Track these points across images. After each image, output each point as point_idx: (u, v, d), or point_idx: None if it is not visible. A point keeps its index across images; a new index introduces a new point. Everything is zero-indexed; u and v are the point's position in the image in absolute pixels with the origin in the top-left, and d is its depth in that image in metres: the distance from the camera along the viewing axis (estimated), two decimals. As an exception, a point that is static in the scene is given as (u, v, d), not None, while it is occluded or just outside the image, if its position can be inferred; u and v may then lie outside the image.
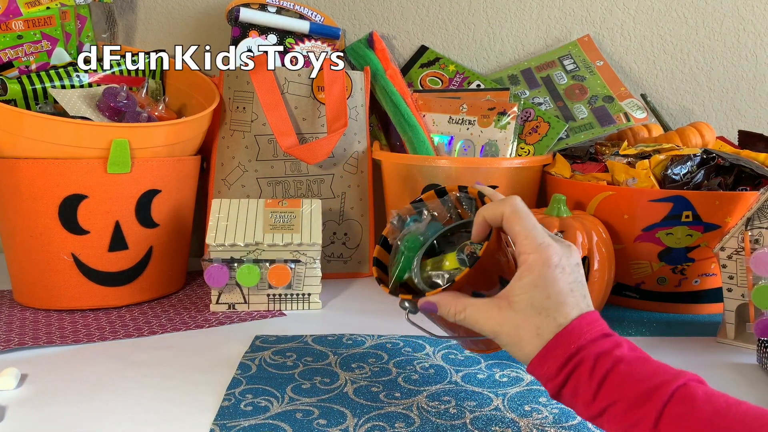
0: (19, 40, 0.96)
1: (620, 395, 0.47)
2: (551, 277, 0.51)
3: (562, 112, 1.14)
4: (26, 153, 0.85)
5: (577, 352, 0.49)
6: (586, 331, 0.50)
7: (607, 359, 0.49)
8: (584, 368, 0.49)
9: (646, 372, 0.48)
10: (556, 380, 0.50)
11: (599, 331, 0.50)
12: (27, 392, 0.64)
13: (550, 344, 0.50)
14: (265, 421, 0.57)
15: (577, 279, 0.53)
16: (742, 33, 1.23)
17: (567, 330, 0.50)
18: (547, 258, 0.51)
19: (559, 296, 0.51)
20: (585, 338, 0.50)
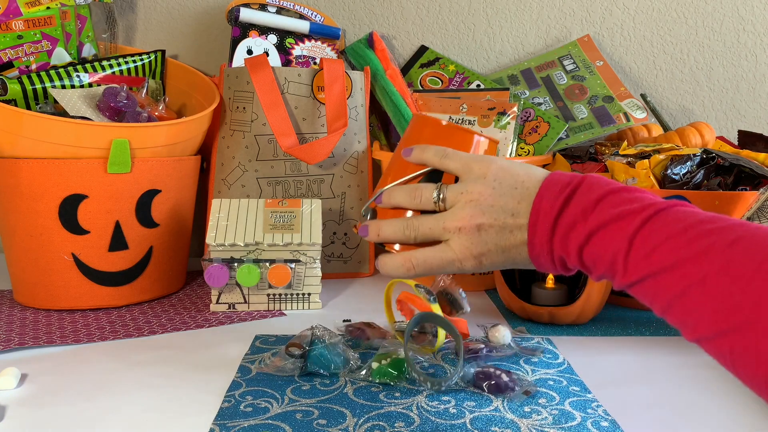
0: (19, 40, 0.96)
1: (603, 219, 0.49)
2: (482, 220, 0.55)
3: (562, 112, 1.14)
4: (26, 153, 0.85)
5: (564, 187, 0.52)
6: (555, 197, 0.52)
7: (585, 182, 0.51)
8: (576, 230, 0.50)
9: (631, 197, 0.49)
10: (551, 214, 0.52)
11: (564, 183, 0.53)
12: (27, 392, 0.64)
13: (529, 232, 0.53)
14: (265, 421, 0.57)
15: (513, 180, 0.55)
16: (742, 33, 1.23)
17: (532, 219, 0.53)
18: (467, 213, 0.56)
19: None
20: (550, 204, 0.52)
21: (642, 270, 0.46)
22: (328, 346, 0.68)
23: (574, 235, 0.50)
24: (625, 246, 0.47)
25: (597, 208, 0.49)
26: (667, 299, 0.44)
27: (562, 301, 0.86)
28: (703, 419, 0.59)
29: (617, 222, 0.48)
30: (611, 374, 0.70)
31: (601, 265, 0.49)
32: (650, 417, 0.60)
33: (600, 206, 0.49)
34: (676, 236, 0.44)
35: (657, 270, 0.45)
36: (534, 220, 0.53)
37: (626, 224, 0.47)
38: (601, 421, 0.58)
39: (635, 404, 0.62)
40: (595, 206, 0.50)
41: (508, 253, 0.55)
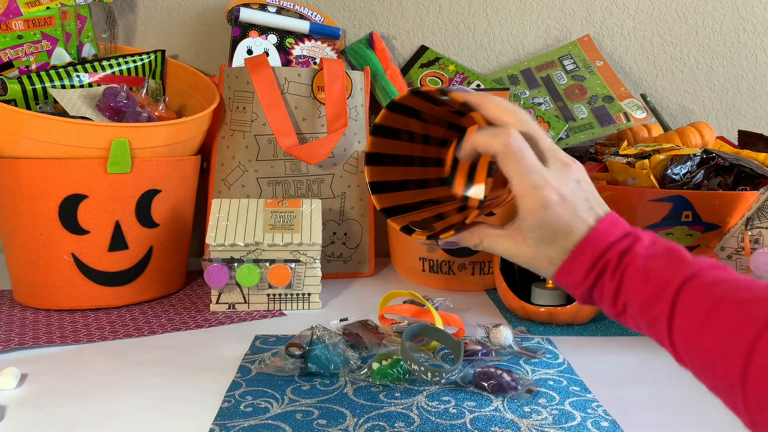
0: (19, 40, 0.96)
1: (635, 292, 0.47)
2: (553, 216, 0.51)
3: (562, 112, 1.14)
4: (26, 153, 0.85)
5: (602, 254, 0.49)
6: (610, 232, 0.50)
7: (628, 256, 0.49)
8: (609, 268, 0.49)
9: (659, 266, 0.47)
10: (584, 284, 0.50)
11: (621, 231, 0.50)
12: (27, 392, 0.64)
13: (570, 257, 0.50)
14: (265, 421, 0.57)
15: (581, 198, 0.52)
16: (742, 33, 1.23)
17: (590, 237, 0.50)
18: (543, 201, 0.50)
19: (566, 227, 0.51)
20: (608, 240, 0.50)
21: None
22: (328, 346, 0.68)
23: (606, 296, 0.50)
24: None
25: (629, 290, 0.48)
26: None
27: (562, 301, 0.86)
28: (703, 419, 0.59)
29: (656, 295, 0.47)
30: (611, 374, 0.70)
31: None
32: (650, 417, 0.60)
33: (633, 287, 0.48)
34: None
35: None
36: (569, 268, 0.52)
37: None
38: (601, 421, 0.58)
39: (635, 404, 0.62)
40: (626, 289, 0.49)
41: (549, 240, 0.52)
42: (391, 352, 0.68)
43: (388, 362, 0.66)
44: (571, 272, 0.51)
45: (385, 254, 1.21)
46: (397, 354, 0.67)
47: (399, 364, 0.66)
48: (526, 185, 0.51)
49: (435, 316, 0.77)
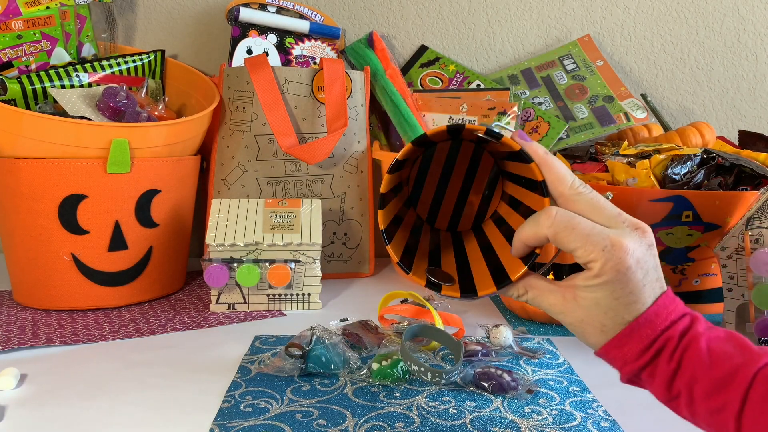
0: (18, 39, 0.96)
1: (698, 377, 0.44)
2: (624, 280, 0.46)
3: (562, 112, 1.14)
4: (26, 153, 0.85)
5: (661, 334, 0.45)
6: (672, 309, 0.46)
7: (687, 337, 0.45)
8: (668, 349, 0.45)
9: (724, 351, 0.44)
10: (637, 363, 0.46)
11: (680, 311, 0.47)
12: (27, 392, 0.64)
13: (627, 329, 0.46)
14: (265, 421, 0.57)
15: (651, 266, 0.47)
16: (743, 33, 1.23)
17: (647, 315, 0.46)
18: (618, 261, 0.45)
19: (630, 296, 0.46)
20: (670, 317, 0.46)
21: None
22: (328, 346, 0.68)
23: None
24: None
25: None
26: None
27: (562, 301, 0.86)
28: (704, 419, 0.59)
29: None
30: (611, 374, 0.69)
31: None
32: (650, 417, 0.60)
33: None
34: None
35: None
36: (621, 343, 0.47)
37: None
38: (601, 422, 0.58)
39: (635, 404, 0.62)
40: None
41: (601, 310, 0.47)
42: (391, 353, 0.68)
43: (388, 362, 0.66)
44: (625, 347, 0.46)
45: (385, 254, 1.21)
46: (397, 354, 0.67)
47: (399, 364, 0.66)
48: (593, 248, 0.46)
49: (435, 316, 0.77)
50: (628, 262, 0.45)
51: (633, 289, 0.46)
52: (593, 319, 0.47)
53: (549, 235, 0.47)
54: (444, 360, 0.72)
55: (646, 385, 0.47)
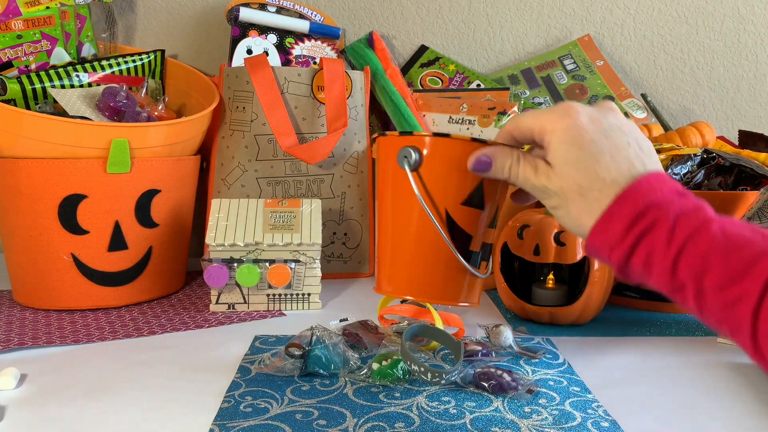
0: (18, 39, 0.96)
1: (710, 265, 0.38)
2: (582, 133, 0.45)
3: (562, 111, 1.14)
4: (26, 153, 0.85)
5: (646, 210, 0.42)
6: (657, 188, 0.43)
7: (690, 220, 0.40)
8: (660, 231, 0.41)
9: (742, 237, 0.38)
10: (622, 246, 0.42)
11: (673, 189, 0.43)
12: (27, 392, 0.63)
13: (613, 204, 0.43)
14: (265, 421, 0.57)
15: (624, 141, 0.46)
16: (743, 33, 1.23)
17: (633, 186, 0.43)
18: (570, 114, 0.46)
19: (605, 170, 0.44)
20: (656, 195, 0.42)
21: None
22: (328, 346, 0.68)
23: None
24: None
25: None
26: None
27: (562, 301, 0.86)
28: (703, 419, 0.59)
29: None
30: (611, 374, 0.69)
31: None
32: (650, 417, 0.60)
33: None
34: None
35: None
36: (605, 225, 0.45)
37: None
38: (601, 422, 0.58)
39: (635, 404, 0.62)
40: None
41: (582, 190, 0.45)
42: (391, 353, 0.68)
43: (388, 362, 0.66)
44: (608, 230, 0.43)
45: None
46: (397, 354, 0.67)
47: (399, 364, 0.66)
48: (546, 119, 0.47)
49: (435, 316, 0.77)
50: (581, 119, 0.46)
51: (602, 149, 0.45)
52: (570, 181, 0.46)
53: (510, 128, 0.50)
54: (444, 360, 0.72)
55: (645, 277, 0.43)
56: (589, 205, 0.45)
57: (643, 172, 0.45)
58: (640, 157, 0.46)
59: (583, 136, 0.46)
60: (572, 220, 0.47)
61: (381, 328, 0.79)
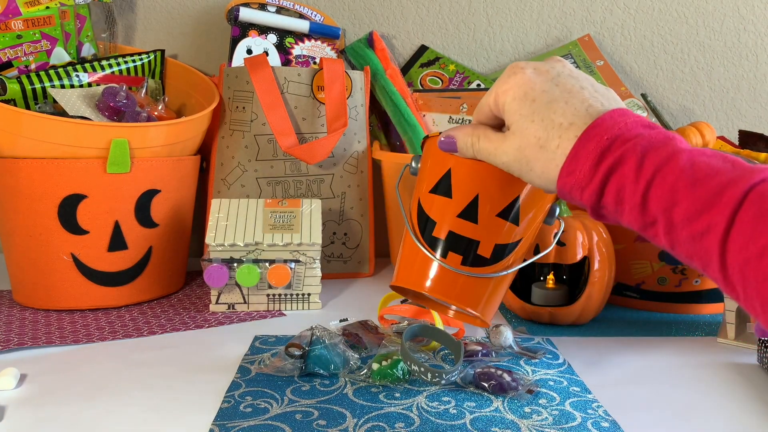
0: (18, 39, 0.96)
1: (678, 197, 0.38)
2: (532, 85, 0.45)
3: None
4: (26, 153, 0.85)
5: (611, 144, 0.41)
6: (620, 121, 0.42)
7: (657, 153, 0.39)
8: (628, 165, 0.40)
9: (710, 167, 0.38)
10: (591, 185, 0.42)
11: (638, 122, 0.42)
12: (26, 392, 0.63)
13: (576, 144, 0.42)
14: (265, 422, 0.57)
15: (577, 86, 0.45)
16: (743, 33, 1.23)
17: (594, 124, 0.42)
18: (517, 77, 0.46)
19: (555, 102, 0.44)
20: (619, 128, 0.41)
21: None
22: (328, 346, 0.68)
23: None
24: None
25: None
26: None
27: (562, 301, 0.86)
28: (703, 419, 0.59)
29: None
30: (611, 374, 0.69)
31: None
32: (650, 417, 0.60)
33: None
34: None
35: None
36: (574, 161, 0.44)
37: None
38: (601, 422, 0.58)
39: (635, 404, 0.62)
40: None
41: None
42: (391, 353, 0.68)
43: (388, 362, 0.66)
44: (576, 171, 0.42)
45: (385, 254, 1.21)
46: (397, 354, 0.67)
47: (399, 364, 0.66)
48: (498, 83, 0.48)
49: (435, 316, 0.77)
50: (527, 72, 0.46)
51: (555, 95, 0.45)
52: (529, 136, 0.45)
53: (476, 111, 0.52)
54: (444, 360, 0.72)
55: (618, 216, 0.42)
56: (552, 154, 0.44)
57: (602, 110, 0.44)
58: (597, 98, 0.45)
59: (533, 87, 0.46)
60: (540, 177, 0.46)
61: (381, 328, 0.79)
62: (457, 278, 0.57)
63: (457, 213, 0.56)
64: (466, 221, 0.56)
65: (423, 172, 0.61)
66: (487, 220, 0.56)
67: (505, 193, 0.55)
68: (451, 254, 0.56)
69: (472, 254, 0.56)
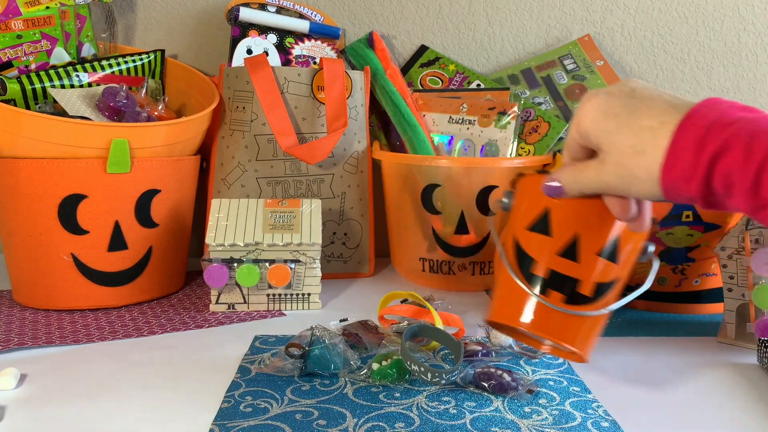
0: (18, 39, 0.96)
1: None
2: (609, 104, 0.46)
3: (563, 111, 1.14)
4: (26, 153, 0.85)
5: (709, 131, 0.41)
6: (714, 109, 0.42)
7: (767, 136, 0.39)
8: (735, 150, 0.39)
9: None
10: (697, 175, 0.41)
11: (733, 106, 0.42)
12: (27, 392, 0.64)
13: (674, 138, 0.42)
14: (265, 421, 0.57)
15: (655, 92, 0.45)
16: (743, 33, 1.23)
17: (687, 115, 0.42)
18: (593, 101, 0.47)
19: (637, 110, 0.44)
20: (714, 115, 0.41)
21: None
22: (328, 346, 0.68)
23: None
24: None
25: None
26: None
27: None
28: (703, 419, 0.59)
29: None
30: (611, 374, 0.69)
31: None
32: (650, 417, 0.60)
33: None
34: None
35: None
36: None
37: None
38: (601, 422, 0.58)
39: (635, 404, 0.62)
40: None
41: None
42: (391, 353, 0.68)
43: (387, 362, 0.66)
44: (677, 163, 0.42)
45: (385, 254, 1.21)
46: (397, 354, 0.67)
47: (399, 364, 0.66)
48: (576, 114, 0.48)
49: (435, 316, 0.77)
50: (601, 95, 0.47)
51: (631, 108, 0.45)
52: (623, 148, 0.45)
53: (564, 147, 0.52)
54: (444, 360, 0.73)
55: (726, 200, 0.42)
56: (651, 155, 0.43)
57: (691, 103, 0.44)
58: (679, 97, 0.45)
59: (611, 104, 0.46)
60: (646, 182, 0.45)
61: (381, 328, 0.79)
62: (556, 315, 0.56)
63: (557, 252, 0.55)
64: (567, 260, 0.55)
65: (519, 209, 0.59)
66: (588, 258, 0.55)
67: (604, 232, 0.55)
68: (552, 292, 0.56)
69: (573, 292, 0.56)
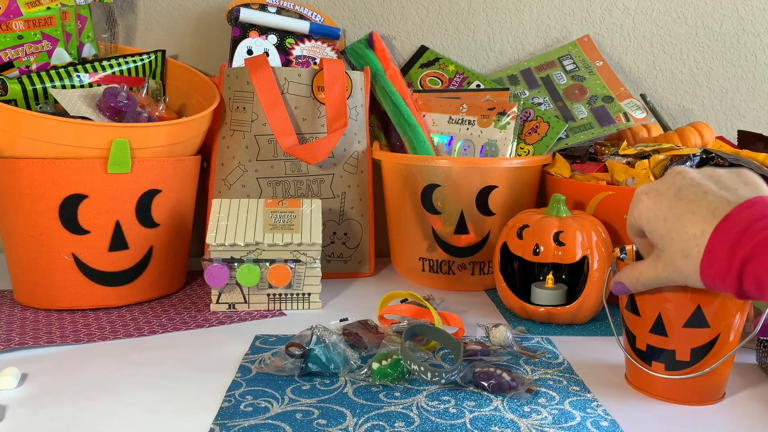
0: (19, 40, 0.96)
1: None
2: (658, 208, 0.53)
3: (562, 112, 1.14)
4: (26, 153, 0.85)
5: (740, 237, 0.47)
6: (746, 215, 0.48)
7: None
8: (762, 256, 0.45)
9: None
10: (730, 275, 0.48)
11: (761, 213, 0.47)
12: (27, 392, 0.64)
13: (709, 244, 0.49)
14: (265, 421, 0.57)
15: (700, 190, 0.52)
16: (742, 33, 1.23)
17: (722, 222, 0.48)
18: (642, 205, 0.55)
19: (683, 216, 0.51)
20: (746, 222, 0.47)
21: None
22: (328, 346, 0.68)
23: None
24: None
25: None
26: None
27: (562, 301, 0.86)
28: (703, 419, 0.60)
29: None
30: (611, 374, 0.70)
31: None
32: (650, 417, 0.60)
33: None
34: None
35: None
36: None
37: None
38: (600, 421, 0.58)
39: (635, 404, 0.62)
40: None
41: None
42: (391, 352, 0.68)
43: (388, 362, 0.66)
44: (713, 264, 0.49)
45: (385, 254, 1.21)
46: (397, 354, 0.67)
47: (399, 364, 0.66)
48: (630, 213, 0.57)
49: (435, 315, 0.77)
50: (650, 198, 0.55)
51: (678, 213, 0.52)
52: (674, 250, 0.53)
53: (629, 235, 0.61)
54: (444, 360, 0.73)
55: (760, 295, 0.47)
56: (696, 259, 0.51)
57: (728, 208, 0.50)
58: (722, 196, 0.51)
59: (660, 208, 0.54)
60: (694, 279, 0.53)
61: (381, 327, 0.79)
62: (662, 380, 0.63)
63: (649, 329, 0.63)
64: (658, 335, 0.62)
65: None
66: (676, 331, 0.61)
67: (684, 306, 0.60)
68: (654, 363, 0.63)
69: (672, 361, 0.62)
